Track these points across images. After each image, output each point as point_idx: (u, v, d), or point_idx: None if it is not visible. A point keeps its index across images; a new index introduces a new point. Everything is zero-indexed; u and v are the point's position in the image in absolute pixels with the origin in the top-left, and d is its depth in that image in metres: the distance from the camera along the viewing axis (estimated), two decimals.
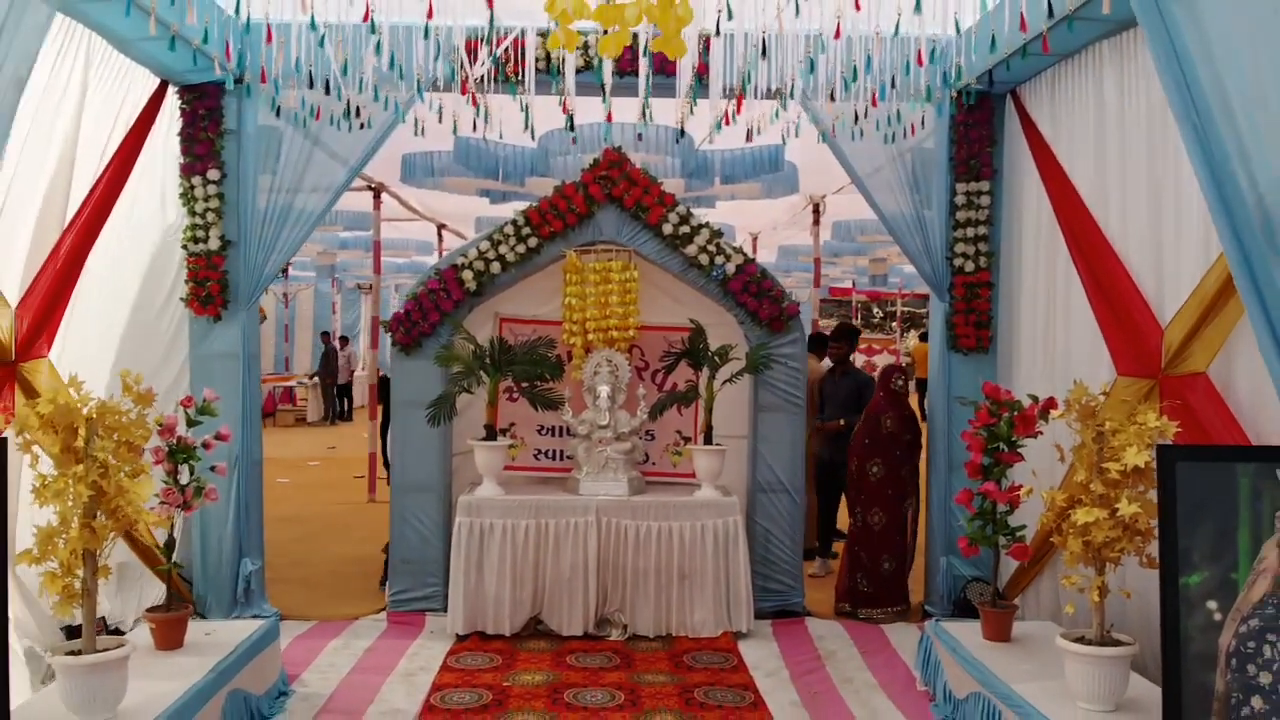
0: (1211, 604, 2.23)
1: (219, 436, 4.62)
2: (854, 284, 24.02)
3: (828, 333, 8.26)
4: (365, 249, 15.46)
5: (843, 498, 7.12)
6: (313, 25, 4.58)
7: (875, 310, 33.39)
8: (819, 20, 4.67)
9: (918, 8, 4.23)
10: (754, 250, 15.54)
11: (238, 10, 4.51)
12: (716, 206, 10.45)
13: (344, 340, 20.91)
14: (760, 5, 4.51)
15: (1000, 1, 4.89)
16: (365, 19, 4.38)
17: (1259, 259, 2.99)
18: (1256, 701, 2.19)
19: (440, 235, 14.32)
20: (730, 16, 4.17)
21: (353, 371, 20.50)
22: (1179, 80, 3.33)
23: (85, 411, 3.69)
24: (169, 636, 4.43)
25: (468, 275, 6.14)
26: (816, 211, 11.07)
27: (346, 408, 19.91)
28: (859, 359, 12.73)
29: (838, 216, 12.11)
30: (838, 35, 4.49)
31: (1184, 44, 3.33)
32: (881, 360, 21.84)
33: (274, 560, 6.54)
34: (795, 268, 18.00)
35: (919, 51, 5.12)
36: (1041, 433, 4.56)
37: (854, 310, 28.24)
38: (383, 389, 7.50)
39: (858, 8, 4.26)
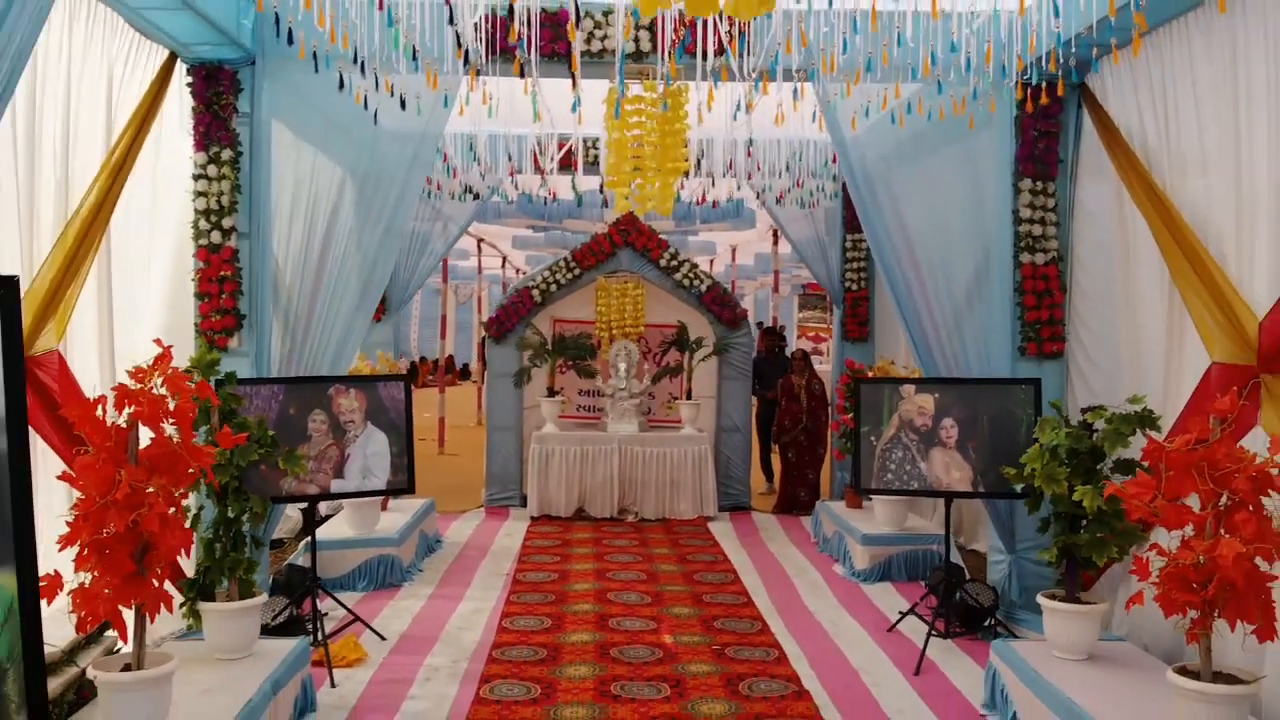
0: (873, 438, 5.66)
1: None
2: None
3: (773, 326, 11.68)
4: None
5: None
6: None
7: None
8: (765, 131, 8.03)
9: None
10: (734, 259, 18.92)
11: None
12: (699, 235, 13.89)
13: None
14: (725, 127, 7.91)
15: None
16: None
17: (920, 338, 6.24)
18: (890, 476, 5.64)
19: (480, 248, 17.67)
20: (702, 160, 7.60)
21: None
22: (886, 264, 6.40)
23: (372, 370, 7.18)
24: (380, 502, 7.87)
25: (535, 292, 9.57)
26: (775, 235, 14.47)
27: None
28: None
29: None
30: (750, 155, 7.90)
31: (884, 229, 6.35)
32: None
33: None
34: (771, 269, 21.40)
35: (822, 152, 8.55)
36: None
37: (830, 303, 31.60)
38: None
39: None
